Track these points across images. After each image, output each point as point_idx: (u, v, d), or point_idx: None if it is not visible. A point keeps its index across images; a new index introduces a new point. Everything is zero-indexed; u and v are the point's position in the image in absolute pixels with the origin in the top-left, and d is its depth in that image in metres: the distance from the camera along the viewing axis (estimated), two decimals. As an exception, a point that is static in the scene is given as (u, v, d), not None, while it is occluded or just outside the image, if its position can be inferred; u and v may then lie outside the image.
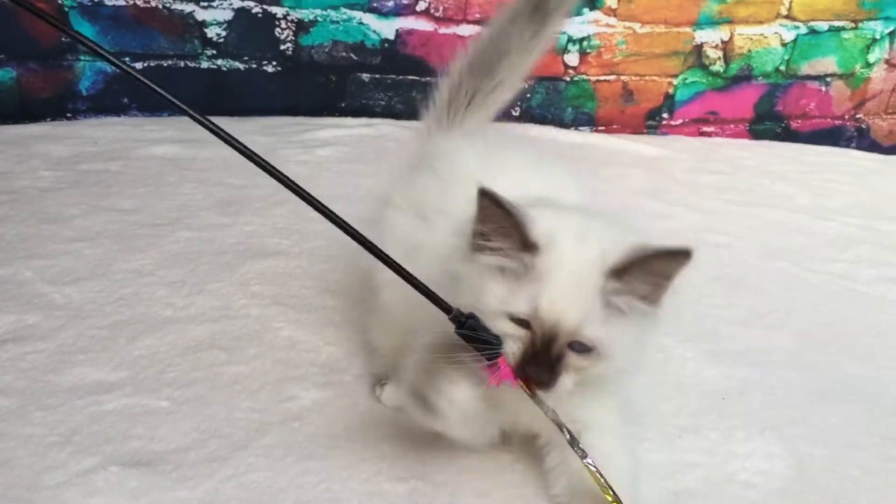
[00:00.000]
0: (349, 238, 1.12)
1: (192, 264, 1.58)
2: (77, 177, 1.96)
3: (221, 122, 2.53)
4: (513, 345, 0.95)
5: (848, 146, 2.93)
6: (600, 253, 0.93)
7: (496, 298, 0.95)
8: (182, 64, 2.54)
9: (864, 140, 2.94)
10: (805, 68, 2.83)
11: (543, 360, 0.93)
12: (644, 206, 2.15)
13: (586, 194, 1.18)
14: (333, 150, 2.35)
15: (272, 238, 1.74)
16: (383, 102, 2.69)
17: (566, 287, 0.93)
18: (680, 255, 0.96)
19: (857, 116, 2.92)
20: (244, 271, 1.57)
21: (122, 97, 2.52)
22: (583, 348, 0.94)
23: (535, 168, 1.18)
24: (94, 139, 2.24)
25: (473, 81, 1.33)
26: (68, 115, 2.46)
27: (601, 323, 0.93)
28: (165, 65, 2.52)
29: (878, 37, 2.82)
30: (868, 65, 2.85)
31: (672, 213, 2.10)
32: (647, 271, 0.95)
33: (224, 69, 2.57)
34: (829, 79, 2.86)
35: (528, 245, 0.93)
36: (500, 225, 0.93)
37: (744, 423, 1.23)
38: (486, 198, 0.92)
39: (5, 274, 1.47)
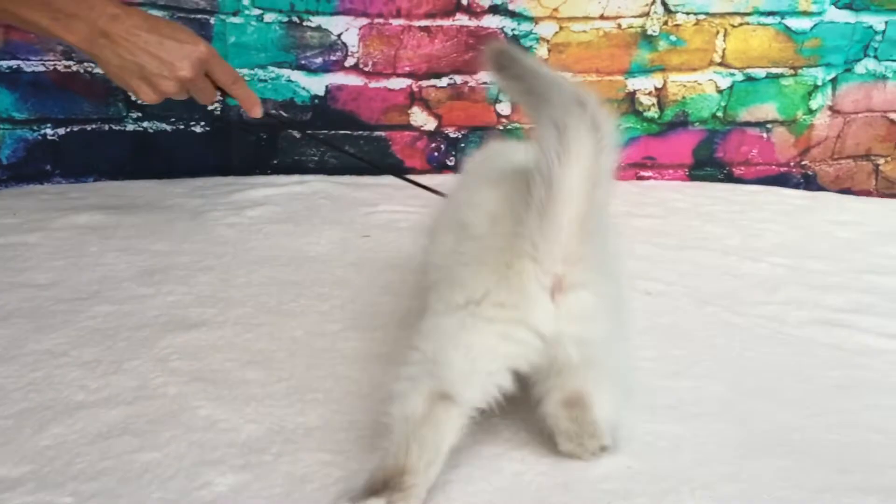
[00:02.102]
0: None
1: (110, 341, 1.52)
2: (-8, 252, 1.90)
3: (149, 184, 2.52)
4: None
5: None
6: None
7: None
8: (107, 127, 2.50)
9: (811, 186, 2.99)
10: (744, 115, 2.88)
11: None
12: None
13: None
14: (264, 210, 2.32)
15: (195, 308, 1.69)
16: (316, 158, 2.68)
17: None
18: None
19: (803, 163, 2.96)
20: (164, 346, 1.52)
21: (44, 164, 2.47)
22: None
23: None
24: (14, 210, 2.18)
25: None
26: (-12, 184, 2.40)
27: None
28: (89, 129, 2.49)
29: (819, 83, 2.87)
30: (810, 111, 2.90)
31: (605, 261, 2.10)
32: None
33: (150, 131, 2.53)
34: (769, 125, 2.91)
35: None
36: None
37: (675, 483, 1.21)
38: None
39: None
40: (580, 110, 1.06)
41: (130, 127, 2.51)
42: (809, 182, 2.98)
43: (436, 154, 2.75)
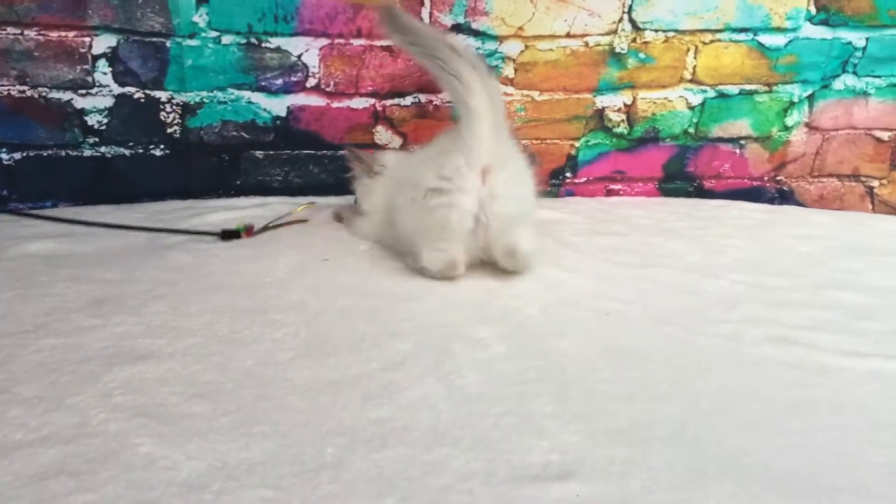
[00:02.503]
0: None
1: (53, 376, 1.49)
2: (-63, 284, 1.86)
3: (108, 209, 2.48)
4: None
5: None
6: None
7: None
8: (63, 153, 2.47)
9: (787, 202, 2.98)
10: (716, 131, 2.87)
11: None
12: (540, 273, 2.13)
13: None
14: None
15: (144, 339, 1.66)
16: (280, 178, 2.66)
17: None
18: None
19: (778, 178, 2.96)
20: (109, 380, 1.49)
21: (1, 190, 2.43)
22: None
23: None
24: (-36, 241, 2.15)
25: None
26: (-60, 212, 2.37)
27: None
28: (45, 154, 2.46)
29: (795, 100, 2.86)
30: (786, 128, 2.89)
31: (566, 280, 2.09)
32: None
33: (109, 156, 2.51)
34: (743, 141, 2.90)
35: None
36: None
37: (623, 511, 1.19)
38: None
39: None
40: (459, 57, 1.86)
41: (88, 152, 2.48)
42: (785, 197, 2.97)
43: (401, 172, 2.74)
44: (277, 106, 2.56)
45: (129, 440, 1.31)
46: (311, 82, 2.56)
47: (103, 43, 2.38)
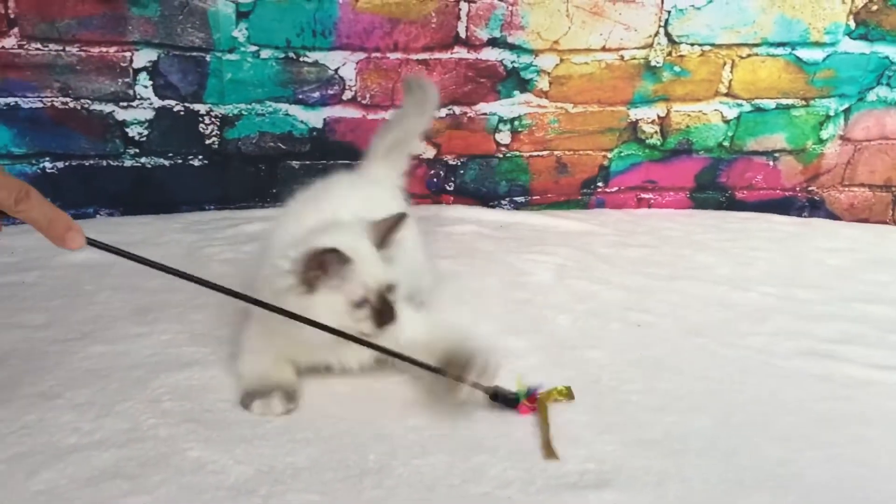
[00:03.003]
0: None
1: (103, 382, 1.54)
2: (-11, 292, 1.93)
3: (146, 220, 2.53)
4: (366, 325, 1.43)
5: (799, 216, 2.98)
6: (371, 243, 1.49)
7: (342, 302, 1.42)
8: (104, 163, 2.53)
9: (818, 211, 2.99)
10: (751, 144, 2.89)
11: (389, 311, 1.44)
12: (570, 285, 2.16)
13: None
14: (259, 246, 2.33)
15: (189, 346, 1.71)
16: (315, 187, 2.69)
17: (371, 266, 1.45)
18: (400, 220, 1.53)
19: (810, 189, 2.97)
20: (156, 386, 1.54)
21: (45, 197, 2.49)
22: (393, 287, 1.48)
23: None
24: (11, 249, 2.21)
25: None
26: (-10, 221, 2.43)
27: (390, 268, 1.49)
28: (87, 164, 2.52)
29: (832, 114, 2.86)
30: (821, 141, 2.90)
31: (596, 292, 2.12)
32: (390, 235, 1.51)
33: (148, 166, 2.57)
34: (777, 154, 2.92)
35: (343, 257, 1.40)
36: (322, 265, 1.40)
37: (659, 520, 1.22)
38: (314, 254, 1.40)
39: None
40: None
41: (128, 162, 2.54)
42: (816, 207, 2.98)
43: (435, 180, 2.78)
44: (314, 118, 2.61)
45: (178, 445, 1.36)
46: (348, 95, 2.60)
47: (144, 57, 2.44)
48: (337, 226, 1.54)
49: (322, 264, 1.40)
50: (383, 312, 1.43)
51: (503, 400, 1.49)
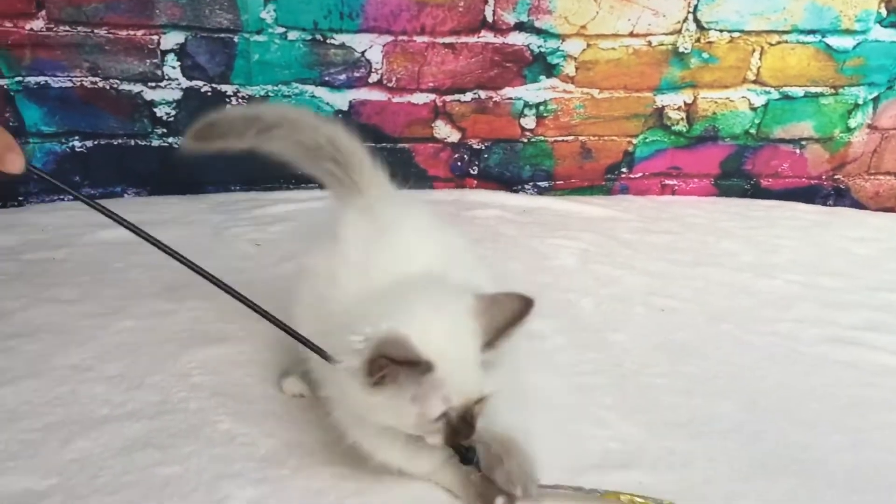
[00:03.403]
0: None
1: (133, 356, 1.57)
2: (21, 267, 1.95)
3: (173, 200, 2.56)
4: (434, 438, 1.11)
5: (824, 205, 2.95)
6: (474, 338, 1.09)
7: (413, 418, 1.08)
8: (132, 143, 2.55)
9: (843, 199, 2.97)
10: (778, 132, 2.86)
11: (468, 430, 1.10)
12: (593, 269, 2.17)
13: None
14: (284, 227, 2.36)
15: (217, 323, 1.73)
16: (339, 169, 2.70)
17: (464, 376, 1.08)
18: (528, 309, 1.13)
19: (836, 177, 2.95)
20: (186, 361, 1.56)
21: (73, 176, 2.52)
22: (483, 399, 1.11)
23: (423, 238, 1.30)
24: (42, 226, 2.24)
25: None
26: (20, 198, 2.46)
27: (485, 378, 1.11)
28: (115, 143, 2.53)
29: (860, 102, 2.83)
30: (848, 129, 2.87)
31: (619, 277, 2.12)
32: (508, 335, 1.11)
33: (176, 146, 2.58)
34: (804, 142, 2.89)
35: (424, 367, 1.05)
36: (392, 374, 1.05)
37: (684, 500, 1.23)
38: (382, 361, 1.03)
39: (-61, 377, 1.45)
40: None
41: (156, 142, 2.56)
42: (841, 195, 2.96)
43: (459, 164, 2.78)
44: (340, 100, 2.62)
45: (208, 417, 1.38)
46: (374, 78, 2.61)
47: (172, 39, 2.45)
48: (436, 300, 1.13)
49: (392, 373, 1.05)
50: (460, 432, 1.10)
51: None
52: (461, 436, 1.10)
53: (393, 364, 1.04)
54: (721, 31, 2.68)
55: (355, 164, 1.42)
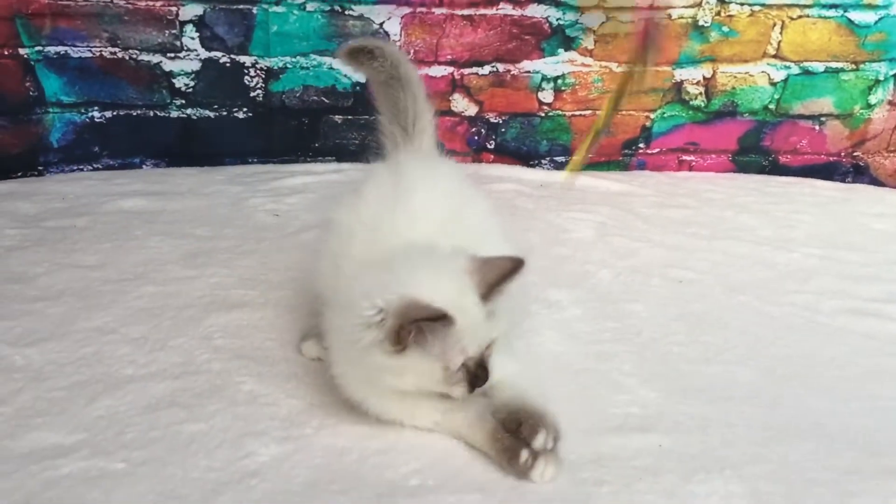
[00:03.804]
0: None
1: (156, 320, 1.58)
2: (43, 234, 1.97)
3: (191, 171, 2.57)
4: (458, 389, 1.18)
5: (842, 181, 2.93)
6: (474, 292, 1.17)
7: (436, 368, 1.16)
8: (151, 113, 2.56)
9: (862, 177, 2.95)
10: (798, 108, 2.85)
11: (484, 374, 1.19)
12: (610, 242, 2.17)
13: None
14: (302, 198, 2.36)
15: (237, 289, 1.75)
16: (357, 141, 2.71)
17: (475, 326, 1.16)
18: (518, 267, 1.21)
19: (855, 154, 2.93)
20: (208, 325, 1.57)
21: (92, 146, 2.54)
22: (492, 343, 1.20)
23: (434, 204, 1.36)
24: (62, 195, 2.25)
25: (397, 122, 1.57)
26: (39, 167, 2.47)
27: (493, 325, 1.19)
28: (134, 114, 2.55)
29: (881, 78, 2.82)
30: (869, 106, 2.86)
31: (637, 249, 2.12)
32: (500, 289, 1.20)
33: (194, 117, 2.59)
34: (823, 118, 2.88)
35: (447, 320, 1.12)
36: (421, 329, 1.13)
37: (703, 462, 1.24)
38: (413, 314, 1.11)
39: (-32, 337, 1.47)
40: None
41: (175, 113, 2.57)
42: (860, 173, 2.94)
43: (475, 137, 2.78)
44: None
45: (231, 378, 1.39)
46: (391, 50, 2.61)
47: (191, 11, 2.46)
48: (435, 264, 1.21)
49: (421, 329, 1.12)
50: (479, 377, 1.18)
51: None
52: (479, 381, 1.18)
53: (417, 324, 1.11)
54: (742, 4, 2.66)
55: (420, 121, 1.55)
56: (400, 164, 1.43)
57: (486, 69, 2.67)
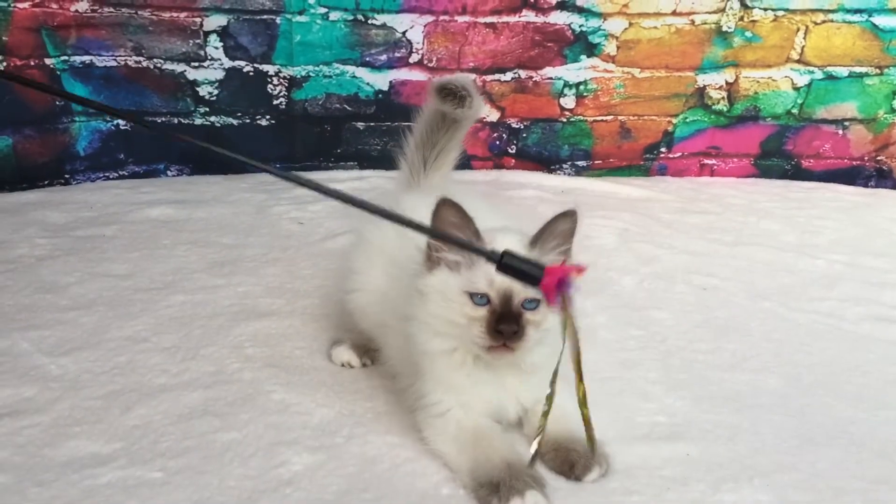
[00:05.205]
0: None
1: (186, 329, 1.61)
2: (73, 243, 2.00)
3: (215, 179, 2.60)
4: (479, 327, 1.19)
5: (865, 186, 2.93)
6: (519, 237, 1.23)
7: (458, 286, 1.21)
8: (175, 121, 2.60)
9: (885, 181, 2.95)
10: (821, 112, 2.85)
11: (509, 316, 1.18)
12: (633, 248, 2.18)
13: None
14: (325, 206, 2.38)
15: (265, 298, 1.77)
16: (379, 147, 2.74)
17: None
18: (569, 215, 1.23)
19: (878, 158, 2.93)
20: (237, 334, 1.59)
21: (118, 153, 2.58)
22: (532, 304, 1.21)
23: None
24: (90, 204, 2.29)
25: (422, 152, 1.65)
26: (66, 176, 2.51)
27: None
28: (159, 121, 2.58)
29: None
30: (892, 110, 2.85)
31: (659, 256, 2.13)
32: (552, 234, 1.23)
33: (217, 125, 2.62)
34: (847, 123, 2.87)
35: (477, 235, 1.19)
36: (455, 224, 1.19)
37: (732, 471, 1.24)
38: (446, 204, 1.19)
39: (3, 346, 1.50)
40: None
41: (199, 121, 2.60)
42: (883, 177, 2.94)
43: (497, 143, 2.79)
44: (380, 80, 2.64)
45: (262, 387, 1.41)
46: (414, 58, 2.63)
47: (214, 21, 2.49)
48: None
49: (443, 255, 1.21)
50: (503, 317, 1.18)
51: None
52: (503, 321, 1.18)
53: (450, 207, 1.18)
54: (765, 9, 2.66)
55: (445, 159, 1.65)
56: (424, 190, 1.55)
57: (509, 76, 2.68)
